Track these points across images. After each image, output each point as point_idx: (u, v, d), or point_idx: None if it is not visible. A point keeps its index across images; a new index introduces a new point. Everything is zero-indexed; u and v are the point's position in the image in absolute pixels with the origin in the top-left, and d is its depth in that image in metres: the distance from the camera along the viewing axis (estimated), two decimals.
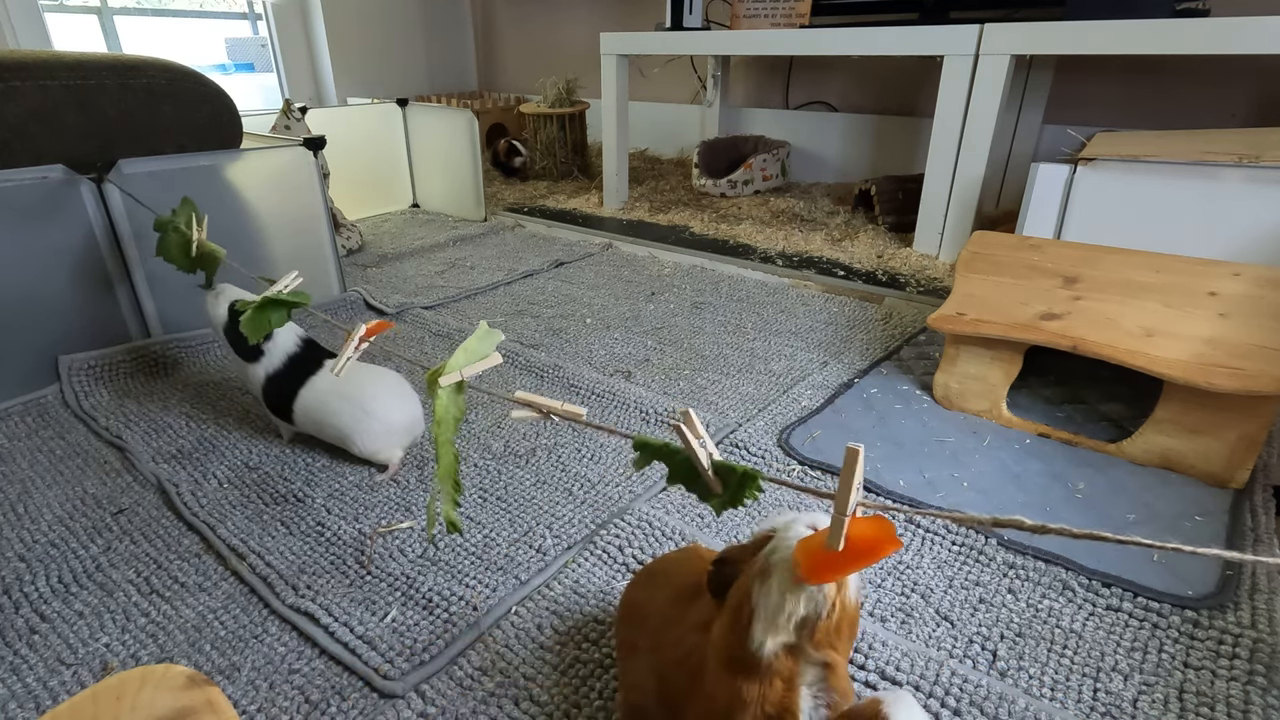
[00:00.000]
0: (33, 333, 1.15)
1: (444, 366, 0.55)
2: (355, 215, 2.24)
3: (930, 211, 1.74)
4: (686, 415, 0.44)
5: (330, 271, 1.53)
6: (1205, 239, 1.15)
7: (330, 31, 2.93)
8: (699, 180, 2.41)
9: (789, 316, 1.47)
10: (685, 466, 0.44)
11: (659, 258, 1.87)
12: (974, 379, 1.05)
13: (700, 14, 2.15)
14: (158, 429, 1.06)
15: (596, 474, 0.95)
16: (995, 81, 1.55)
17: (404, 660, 0.67)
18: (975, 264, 1.14)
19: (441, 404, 0.55)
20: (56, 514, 0.88)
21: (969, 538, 0.82)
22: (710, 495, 0.44)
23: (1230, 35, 1.28)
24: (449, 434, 0.56)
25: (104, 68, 1.18)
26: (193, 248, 1.04)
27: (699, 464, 0.43)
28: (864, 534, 0.38)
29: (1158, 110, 1.92)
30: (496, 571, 0.78)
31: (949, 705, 0.60)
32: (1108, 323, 0.97)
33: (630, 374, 1.23)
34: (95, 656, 0.69)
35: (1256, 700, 0.61)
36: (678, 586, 0.56)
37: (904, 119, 2.35)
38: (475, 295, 1.62)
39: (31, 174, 1.10)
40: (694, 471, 0.43)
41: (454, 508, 0.58)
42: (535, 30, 3.27)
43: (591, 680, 0.65)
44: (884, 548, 0.38)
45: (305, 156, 1.44)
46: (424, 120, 2.26)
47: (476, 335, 0.57)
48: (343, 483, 0.94)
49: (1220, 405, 0.86)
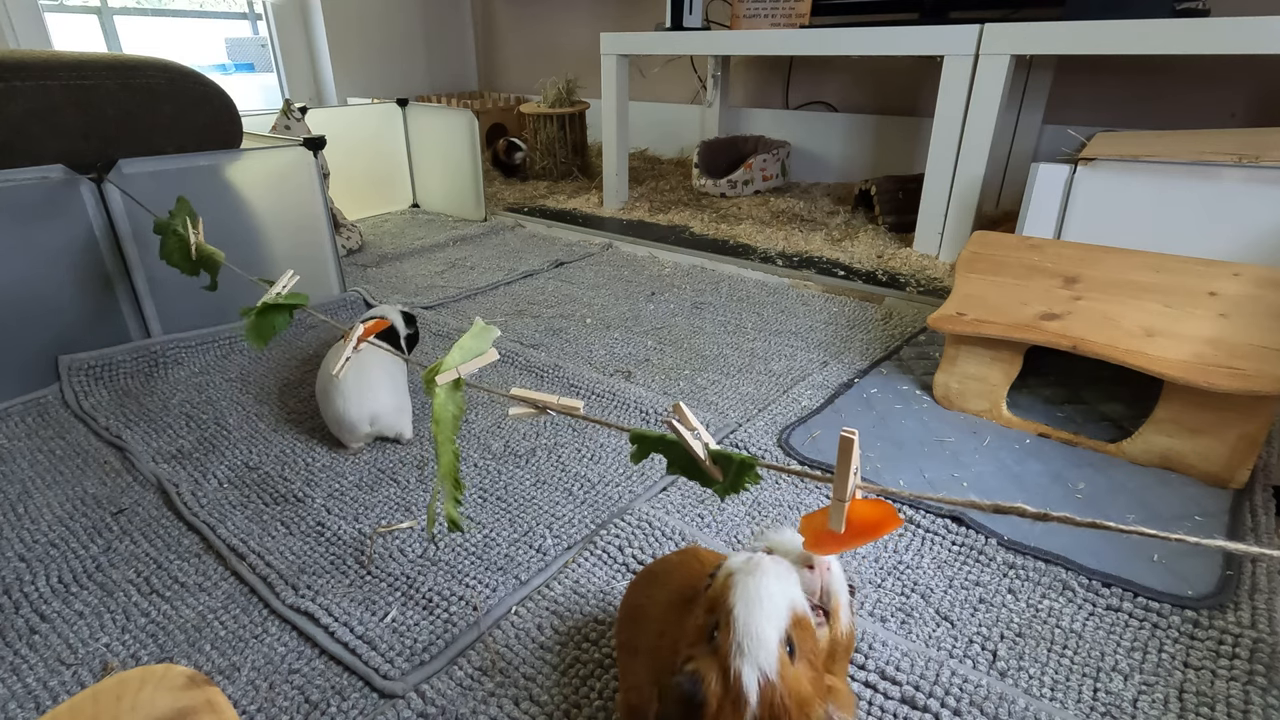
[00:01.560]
0: (33, 333, 1.15)
1: (440, 364, 0.55)
2: (355, 215, 2.24)
3: (930, 211, 1.74)
4: (677, 408, 0.43)
5: (330, 271, 1.53)
6: (1205, 239, 1.15)
7: (330, 31, 2.93)
8: (699, 180, 2.41)
9: (789, 316, 1.47)
10: (683, 457, 0.44)
11: (659, 258, 1.87)
12: (974, 379, 1.05)
13: (700, 14, 2.15)
14: (158, 429, 1.06)
15: (596, 474, 0.95)
16: (995, 81, 1.55)
17: (404, 660, 0.67)
18: (975, 264, 1.14)
19: (439, 402, 0.55)
20: (56, 514, 0.88)
21: (969, 537, 0.82)
22: (712, 482, 0.44)
23: (1230, 35, 1.28)
24: (449, 432, 0.56)
25: (104, 68, 1.18)
26: (191, 250, 1.04)
27: (694, 454, 0.43)
28: (865, 515, 0.39)
29: (1158, 110, 1.92)
30: (496, 571, 0.78)
31: (949, 705, 0.60)
32: (1108, 323, 0.97)
33: (630, 374, 1.23)
34: (95, 656, 0.69)
35: (1256, 700, 0.61)
36: (675, 590, 0.56)
37: (904, 119, 2.35)
38: (475, 295, 1.62)
39: (31, 174, 1.10)
40: (692, 461, 0.44)
41: (455, 506, 0.57)
42: (535, 30, 3.27)
43: (591, 680, 0.65)
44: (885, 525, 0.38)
45: (305, 156, 1.44)
46: (424, 120, 2.26)
47: (472, 332, 0.57)
48: (343, 483, 0.94)
49: (1220, 405, 0.86)
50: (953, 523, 0.84)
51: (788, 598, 0.39)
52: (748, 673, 0.35)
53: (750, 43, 1.94)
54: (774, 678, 0.35)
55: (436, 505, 0.58)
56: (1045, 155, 2.00)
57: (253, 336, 0.84)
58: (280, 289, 0.87)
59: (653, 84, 2.91)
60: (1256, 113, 1.79)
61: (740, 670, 0.35)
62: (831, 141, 2.53)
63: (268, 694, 0.64)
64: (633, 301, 1.57)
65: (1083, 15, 1.44)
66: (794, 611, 0.39)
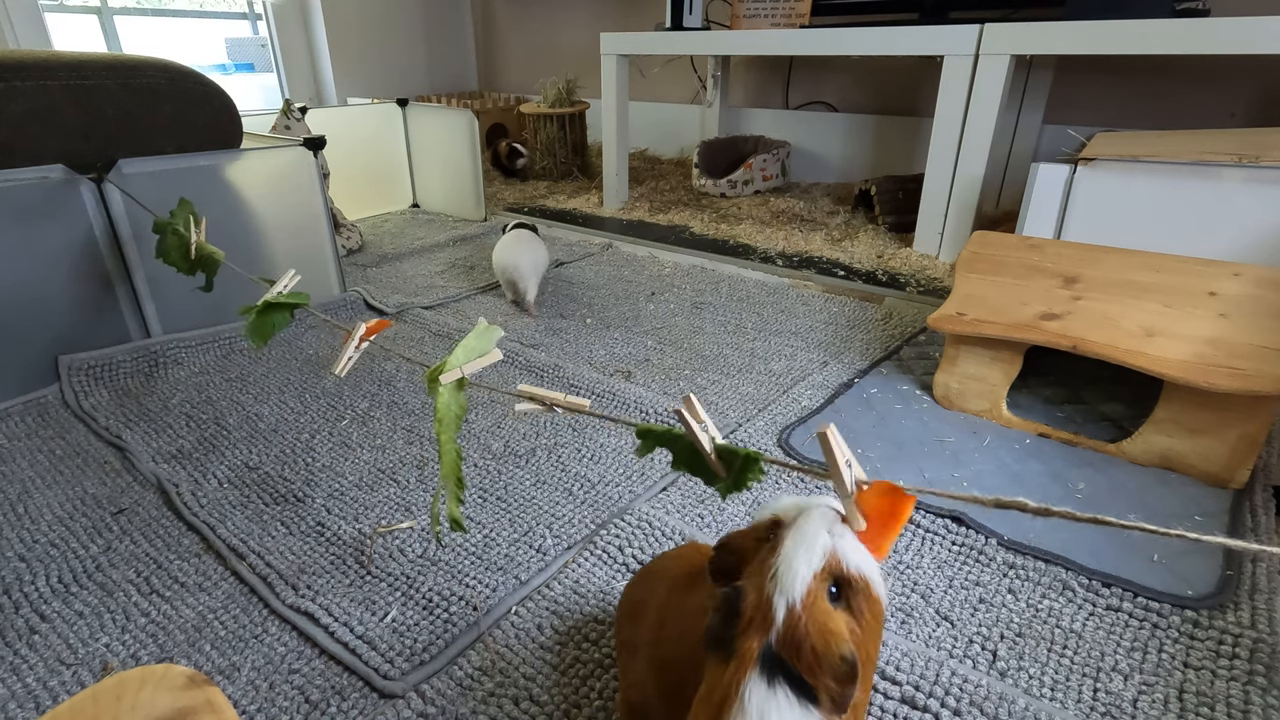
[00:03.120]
0: (33, 333, 1.15)
1: (444, 364, 0.55)
2: (355, 215, 2.24)
3: (930, 211, 1.74)
4: (687, 400, 0.43)
5: (330, 271, 1.53)
6: (1205, 239, 1.15)
7: (330, 31, 2.93)
8: (699, 180, 2.41)
9: (789, 316, 1.47)
10: (688, 451, 0.44)
11: (659, 258, 1.87)
12: (974, 379, 1.05)
13: (700, 14, 2.15)
14: (158, 429, 1.06)
15: (596, 474, 0.95)
16: (995, 81, 1.55)
17: (404, 660, 0.67)
18: (975, 264, 1.14)
19: (443, 401, 0.55)
20: (56, 514, 0.88)
21: (969, 537, 0.82)
22: (715, 479, 0.44)
23: (1230, 35, 1.28)
24: (451, 433, 0.56)
25: (104, 68, 1.18)
26: (192, 250, 1.04)
27: (701, 447, 0.43)
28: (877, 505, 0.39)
29: (1158, 110, 1.92)
30: (496, 571, 0.78)
31: (949, 705, 0.60)
32: (1108, 323, 0.97)
33: (630, 374, 1.23)
34: (95, 656, 0.69)
35: (1256, 700, 0.61)
36: (675, 576, 0.57)
37: (904, 119, 2.35)
38: (475, 295, 1.62)
39: (31, 174, 1.10)
40: (697, 456, 0.44)
41: (458, 505, 0.57)
42: (535, 30, 3.27)
43: (591, 680, 0.65)
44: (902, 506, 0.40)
45: (305, 156, 1.44)
46: (424, 120, 2.26)
47: (475, 332, 0.57)
48: (343, 483, 0.94)
49: (1220, 405, 0.86)
50: (953, 522, 0.84)
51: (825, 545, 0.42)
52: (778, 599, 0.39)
53: (750, 43, 1.94)
54: (799, 609, 0.39)
55: (440, 505, 0.58)
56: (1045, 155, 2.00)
57: (253, 335, 0.84)
58: (282, 288, 0.87)
59: (653, 84, 2.91)
60: (1256, 113, 1.79)
61: (771, 594, 0.40)
62: (831, 141, 2.53)
63: (268, 694, 0.64)
64: (633, 301, 1.57)
65: (1083, 15, 1.44)
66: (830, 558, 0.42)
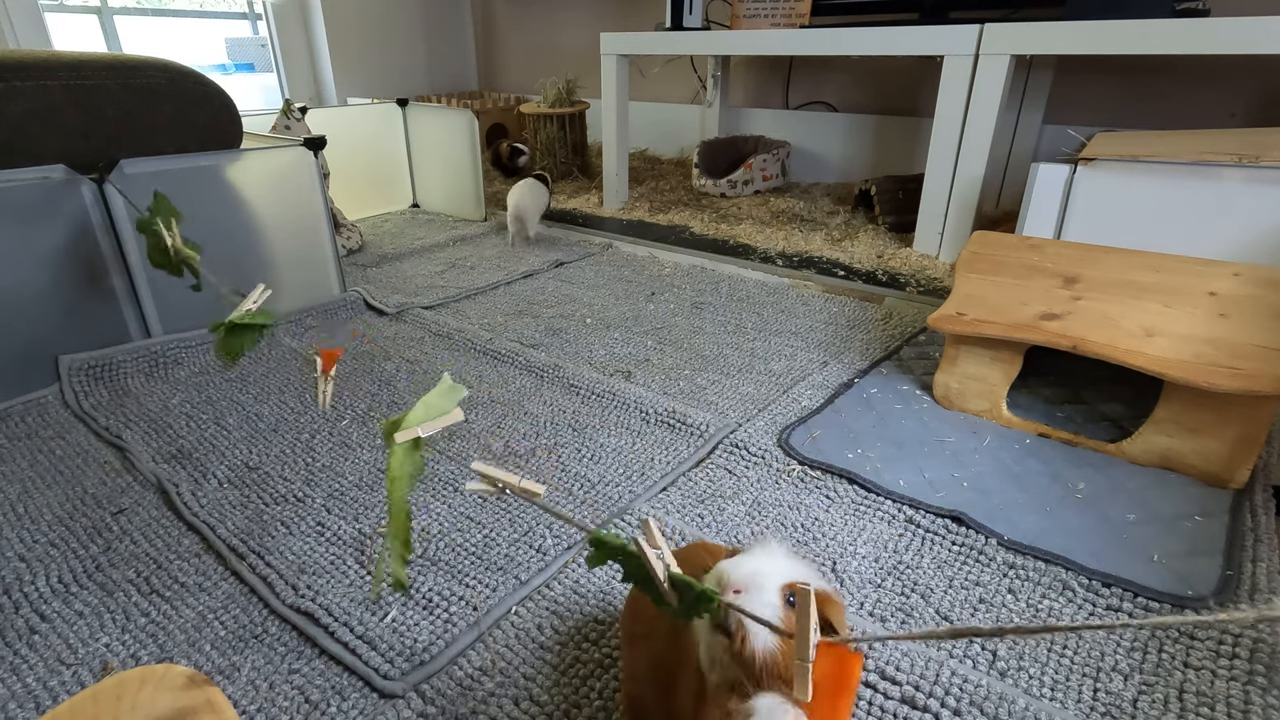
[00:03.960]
0: (33, 333, 1.15)
1: (402, 419, 0.52)
2: (355, 215, 2.24)
3: (930, 211, 1.74)
4: (645, 525, 0.43)
5: (330, 271, 1.53)
6: (1205, 239, 1.15)
7: (330, 31, 2.93)
8: (699, 180, 2.41)
9: (789, 316, 1.47)
10: (641, 571, 0.43)
11: (659, 258, 1.87)
12: (974, 379, 1.05)
13: (700, 14, 2.15)
14: (158, 429, 1.06)
15: (596, 474, 0.95)
16: (995, 81, 1.55)
17: (404, 660, 0.67)
18: (975, 264, 1.14)
19: (396, 460, 0.51)
20: (56, 514, 0.88)
21: (969, 537, 0.82)
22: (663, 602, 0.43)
23: (1230, 35, 1.28)
24: (403, 492, 0.52)
25: (104, 68, 1.18)
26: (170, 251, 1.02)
27: (655, 575, 0.42)
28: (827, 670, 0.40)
29: (1158, 110, 1.92)
30: (496, 571, 0.78)
31: (949, 705, 0.60)
32: (1107, 323, 0.97)
33: (630, 374, 1.23)
34: (95, 656, 0.69)
35: (1256, 700, 0.61)
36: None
37: (904, 119, 2.35)
38: (475, 295, 1.62)
39: (32, 174, 1.10)
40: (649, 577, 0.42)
41: (403, 566, 0.53)
42: (535, 30, 3.27)
43: (591, 680, 0.65)
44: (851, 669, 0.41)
45: (305, 156, 1.44)
46: (424, 120, 2.26)
47: (438, 390, 0.53)
48: (343, 483, 0.94)
49: (1220, 405, 0.86)
50: (953, 523, 0.84)
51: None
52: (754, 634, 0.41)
53: (750, 43, 1.94)
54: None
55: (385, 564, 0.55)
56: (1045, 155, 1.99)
57: (223, 352, 0.82)
58: (250, 304, 0.84)
59: (653, 84, 2.91)
60: (1256, 113, 1.79)
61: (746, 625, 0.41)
62: (831, 141, 2.53)
63: (268, 694, 0.64)
64: (633, 301, 1.57)
65: (1083, 15, 1.44)
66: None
